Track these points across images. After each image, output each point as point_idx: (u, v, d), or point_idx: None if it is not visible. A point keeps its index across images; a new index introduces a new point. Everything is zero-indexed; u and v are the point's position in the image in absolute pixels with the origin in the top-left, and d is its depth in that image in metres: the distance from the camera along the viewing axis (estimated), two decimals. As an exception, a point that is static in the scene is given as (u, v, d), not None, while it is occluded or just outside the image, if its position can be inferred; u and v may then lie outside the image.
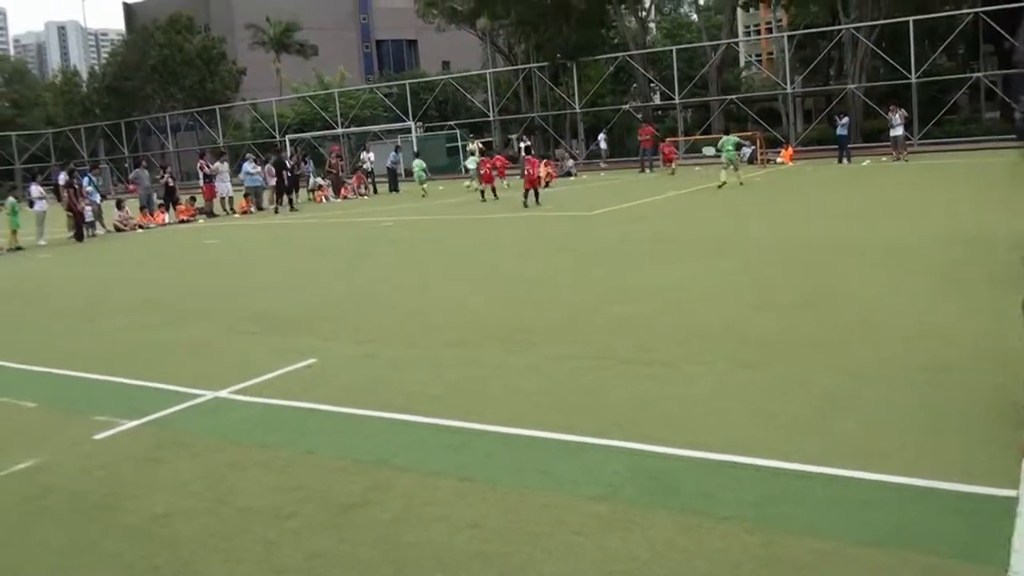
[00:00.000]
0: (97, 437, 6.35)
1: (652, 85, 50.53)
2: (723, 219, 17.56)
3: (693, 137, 44.02)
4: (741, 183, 24.55)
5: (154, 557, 4.37)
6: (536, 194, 23.25)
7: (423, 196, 30.38)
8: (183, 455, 5.82)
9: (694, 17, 69.44)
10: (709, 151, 41.12)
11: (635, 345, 7.56)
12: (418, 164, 32.81)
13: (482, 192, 26.51)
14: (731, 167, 25.18)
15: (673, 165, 34.71)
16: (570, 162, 38.17)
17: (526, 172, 23.77)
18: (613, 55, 48.73)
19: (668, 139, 38.32)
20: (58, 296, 14.46)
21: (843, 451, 4.86)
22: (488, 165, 27.04)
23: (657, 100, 52.69)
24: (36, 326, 11.64)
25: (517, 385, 6.68)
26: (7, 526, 4.97)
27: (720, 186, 23.94)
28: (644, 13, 53.29)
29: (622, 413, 5.82)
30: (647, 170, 35.73)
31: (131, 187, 38.97)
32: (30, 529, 4.89)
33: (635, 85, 53.56)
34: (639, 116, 46.03)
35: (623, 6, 50.12)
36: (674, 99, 44.62)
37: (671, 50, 46.65)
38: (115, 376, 8.09)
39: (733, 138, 26.51)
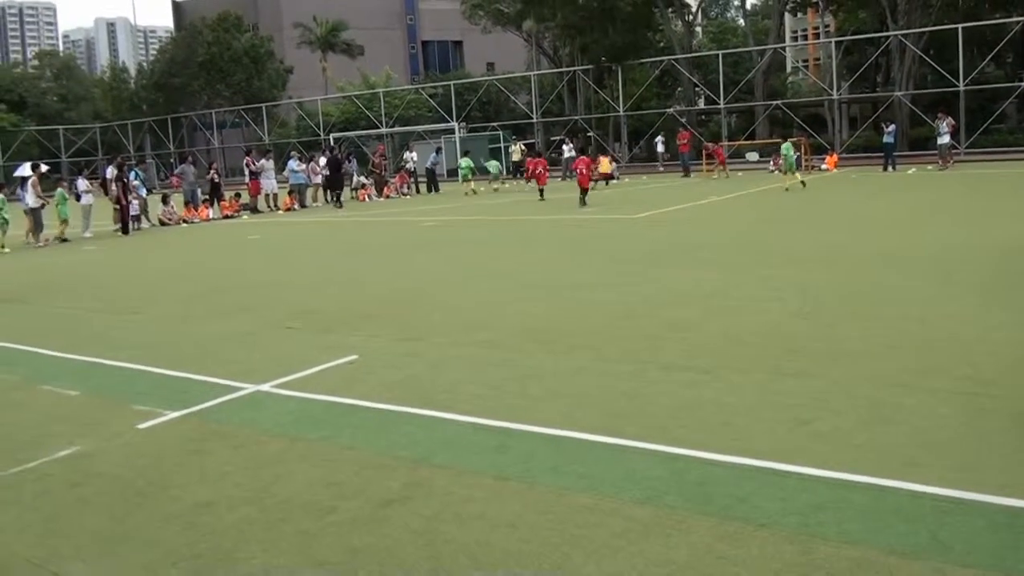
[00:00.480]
0: (140, 426, 6.43)
1: (697, 89, 50.29)
2: (766, 225, 17.41)
3: (738, 142, 43.78)
4: (803, 183, 25.16)
5: (196, 545, 4.42)
6: (583, 194, 23.67)
7: (468, 194, 30.52)
8: (225, 446, 5.88)
9: (741, 22, 69.05)
10: (753, 156, 40.96)
11: (678, 350, 7.52)
12: (465, 162, 32.90)
13: (541, 192, 26.56)
14: (791, 172, 25.91)
15: (722, 170, 34.58)
16: (613, 165, 38.03)
17: (579, 172, 24.22)
18: (658, 59, 48.59)
19: (715, 144, 38.12)
20: (102, 287, 14.68)
21: (883, 461, 4.79)
22: (537, 165, 27.20)
23: (702, 104, 52.44)
24: (80, 316, 11.83)
25: (558, 387, 6.67)
26: (51, 510, 5.04)
27: (787, 189, 24.73)
28: (690, 17, 53.11)
29: (664, 418, 5.78)
30: (690, 174, 35.62)
31: (173, 181, 39.53)
32: (74, 514, 4.96)
33: (680, 89, 53.36)
34: (683, 120, 45.85)
35: (669, 10, 49.98)
36: (719, 104, 44.37)
37: (717, 54, 46.43)
38: (158, 367, 8.20)
39: (789, 144, 27.20)
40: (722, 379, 6.60)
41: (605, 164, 33.23)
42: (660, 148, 43.68)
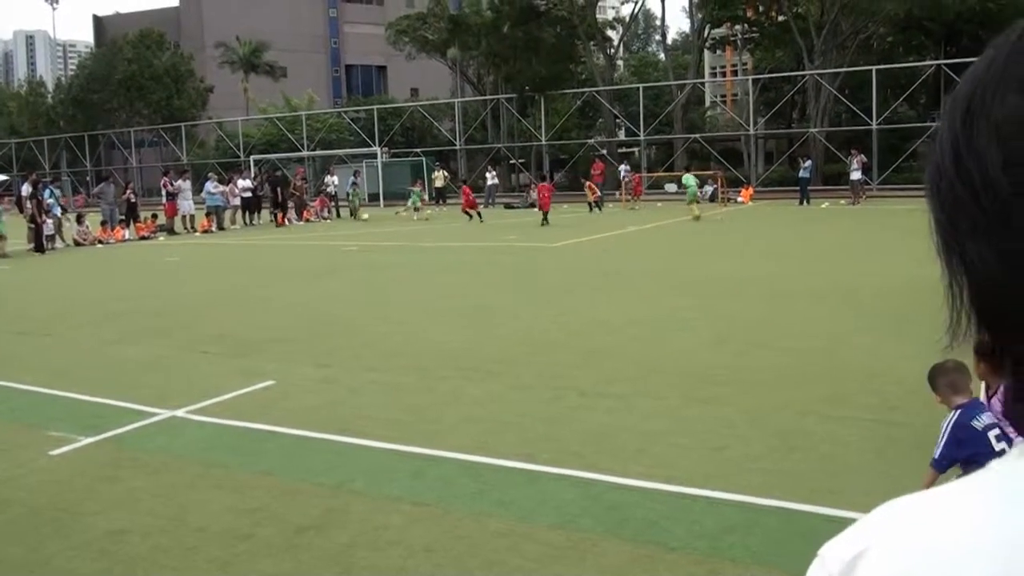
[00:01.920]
0: (53, 453, 6.32)
1: (618, 121, 51.13)
2: (681, 255, 17.79)
3: (656, 174, 44.57)
4: (698, 217, 25.47)
5: (109, 572, 4.39)
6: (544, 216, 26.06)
7: (416, 219, 30.78)
8: (139, 473, 5.81)
9: (661, 56, 70.47)
10: (671, 187, 41.72)
11: (594, 378, 7.68)
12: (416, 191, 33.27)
13: (545, 216, 26.65)
14: (693, 202, 26.37)
15: (635, 200, 35.21)
16: (534, 194, 38.35)
17: (540, 197, 26.73)
18: (581, 90, 49.29)
19: (635, 175, 38.79)
20: (15, 308, 14.29)
21: (793, 486, 4.99)
22: (543, 190, 27.51)
23: (622, 136, 53.31)
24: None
25: (476, 413, 6.76)
26: (-41, 538, 4.94)
27: (697, 218, 25.12)
28: (612, 50, 54.06)
29: (579, 444, 5.91)
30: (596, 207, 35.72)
31: (79, 199, 38.64)
32: (-18, 542, 4.87)
33: (601, 120, 54.16)
34: (603, 151, 46.51)
35: (592, 43, 50.79)
36: (639, 136, 45.15)
37: (638, 87, 47.34)
38: (71, 392, 8.04)
39: (690, 176, 28.17)
40: (637, 406, 6.77)
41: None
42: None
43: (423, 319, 11.33)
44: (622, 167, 40.62)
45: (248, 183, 33.18)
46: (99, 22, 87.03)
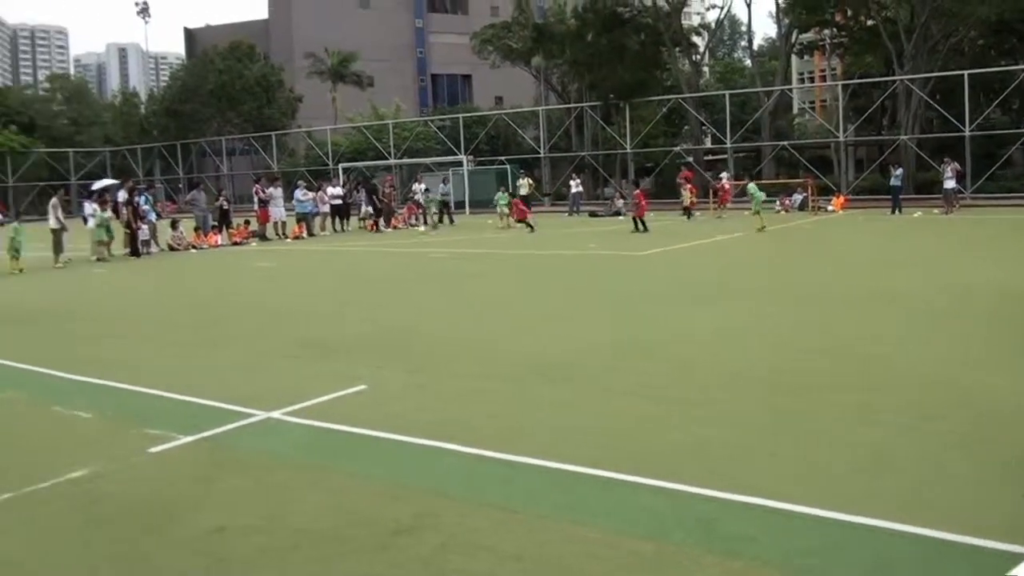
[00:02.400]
0: (152, 450, 6.51)
1: (704, 128, 50.66)
2: (771, 265, 17.54)
3: (743, 182, 43.99)
4: (762, 228, 25.17)
5: (208, 570, 4.49)
6: (643, 223, 26.29)
7: (504, 228, 30.57)
8: (237, 472, 5.96)
9: (748, 62, 69.61)
10: (760, 196, 41.12)
11: (683, 388, 7.60)
12: (503, 197, 32.99)
13: (636, 222, 26.62)
14: (758, 213, 26.27)
15: (723, 208, 34.79)
16: (619, 202, 38.22)
17: (637, 204, 26.79)
18: (666, 97, 48.98)
19: (722, 183, 38.31)
20: (113, 311, 14.80)
21: (886, 503, 4.84)
22: (639, 197, 27.44)
23: (708, 144, 52.79)
24: (92, 339, 11.93)
25: (564, 421, 6.75)
26: (61, 531, 5.12)
27: (761, 229, 24.82)
28: (698, 57, 53.56)
29: (671, 454, 5.86)
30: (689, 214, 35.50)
31: (170, 206, 39.76)
32: (86, 536, 5.04)
33: (687, 128, 53.73)
34: (689, 159, 46.12)
35: (677, 49, 50.44)
36: (726, 143, 44.66)
37: (724, 94, 46.83)
38: (170, 392, 8.28)
39: (754, 185, 28.18)
40: (726, 417, 6.68)
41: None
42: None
43: (510, 326, 11.39)
44: (724, 175, 40.22)
45: (338, 190, 33.79)
46: (190, 35, 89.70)
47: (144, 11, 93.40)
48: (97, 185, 30.30)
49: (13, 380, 9.43)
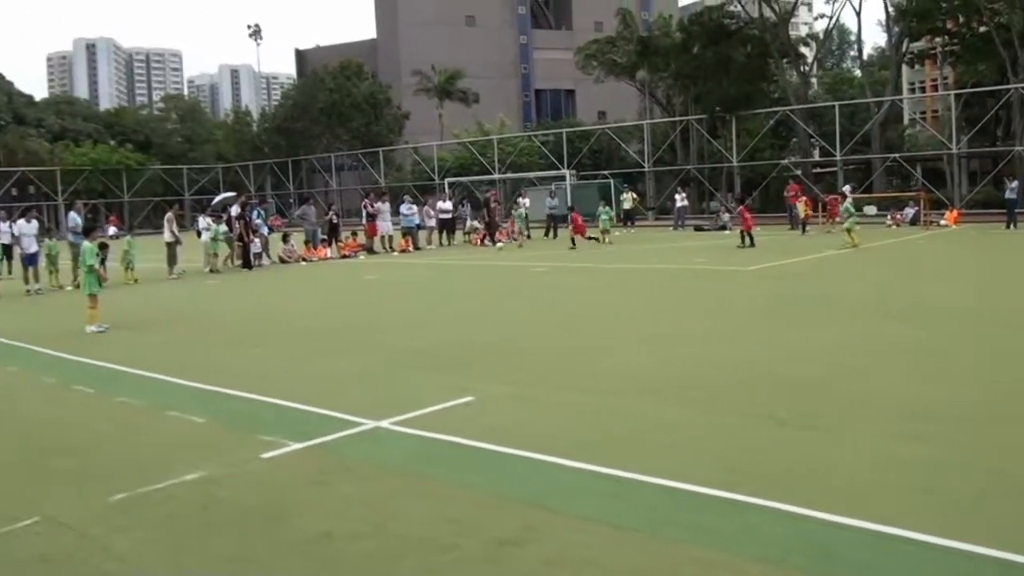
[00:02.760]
0: (264, 456, 6.65)
1: (812, 141, 49.56)
2: (885, 281, 16.98)
3: (854, 196, 42.85)
4: (855, 245, 23.86)
5: (316, 574, 4.54)
6: (750, 237, 25.54)
7: (607, 243, 30.14)
8: (346, 479, 6.03)
9: (857, 72, 67.95)
10: (871, 210, 40.00)
11: (795, 407, 7.37)
12: (606, 212, 32.65)
13: (743, 236, 26.06)
14: (851, 229, 24.81)
15: (832, 223, 33.86)
16: (726, 216, 37.67)
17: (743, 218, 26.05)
18: (773, 109, 48.10)
19: (829, 196, 37.35)
20: (225, 321, 15.24)
21: (1012, 534, 4.59)
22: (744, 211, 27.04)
23: (817, 156, 51.60)
24: (206, 347, 12.31)
25: (672, 438, 6.62)
26: (179, 531, 5.27)
27: (855, 246, 23.58)
28: (806, 67, 52.45)
29: (784, 475, 5.68)
30: (797, 227, 34.59)
31: (276, 221, 40.87)
32: (200, 536, 5.17)
33: (795, 140, 52.64)
34: (798, 172, 45.14)
35: (785, 60, 49.53)
36: (835, 156, 43.60)
37: (833, 106, 45.72)
38: (281, 399, 8.47)
39: (849, 201, 26.33)
40: (842, 439, 6.45)
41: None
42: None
43: (615, 341, 11.27)
44: (847, 188, 39.23)
45: (447, 205, 34.20)
46: (300, 55, 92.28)
47: (256, 33, 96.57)
48: (218, 199, 31.38)
49: (130, 386, 9.77)
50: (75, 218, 23.54)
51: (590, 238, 29.24)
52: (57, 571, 4.80)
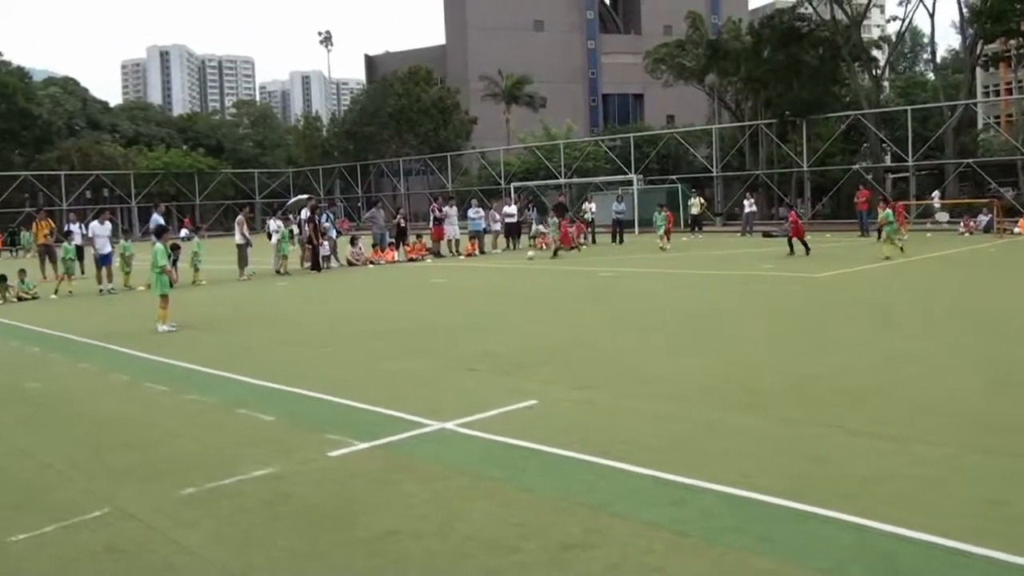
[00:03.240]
0: (331, 454, 6.79)
1: (884, 146, 48.62)
2: (953, 290, 16.63)
3: (925, 201, 42.01)
4: (901, 250, 22.91)
5: (382, 571, 4.63)
6: (803, 244, 24.86)
7: (662, 249, 29.79)
8: (411, 479, 6.12)
9: (930, 76, 66.49)
10: (942, 217, 39.12)
11: (864, 417, 7.27)
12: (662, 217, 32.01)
13: (791, 243, 25.60)
14: (889, 239, 23.37)
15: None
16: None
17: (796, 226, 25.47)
18: (844, 113, 47.32)
19: (899, 203, 36.56)
20: (294, 321, 15.48)
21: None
22: (796, 219, 26.57)
23: (888, 161, 50.63)
24: (275, 347, 12.54)
25: (737, 445, 6.58)
26: (247, 526, 5.41)
27: (888, 258, 22.36)
28: (878, 71, 51.46)
29: (849, 486, 5.61)
30: (866, 234, 33.82)
31: (344, 224, 41.39)
32: (268, 531, 5.30)
33: (866, 145, 51.69)
34: (869, 177, 44.34)
35: (856, 64, 48.67)
36: (907, 161, 42.74)
37: (905, 110, 44.81)
38: (348, 400, 8.62)
39: (888, 211, 24.40)
40: (909, 450, 6.34)
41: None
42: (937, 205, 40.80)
43: (680, 346, 11.24)
44: (936, 193, 38.60)
45: (512, 209, 34.32)
46: (370, 61, 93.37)
47: (327, 40, 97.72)
48: (292, 202, 31.92)
49: (200, 384, 10.01)
50: (157, 219, 24.11)
51: (572, 247, 29.28)
52: (125, 562, 4.96)
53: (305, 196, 31.87)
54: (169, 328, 14.12)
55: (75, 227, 26.38)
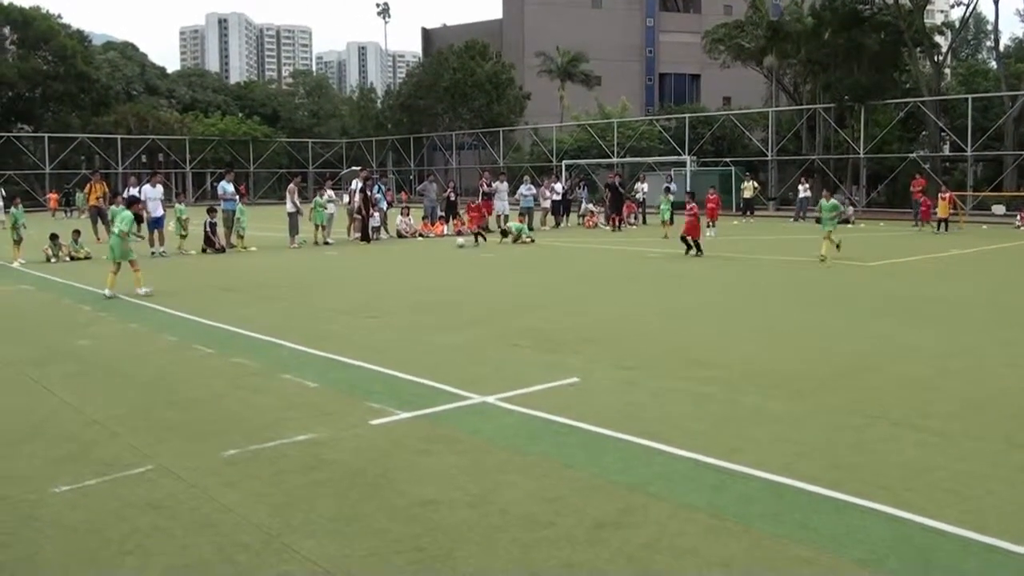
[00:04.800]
0: (372, 422, 6.87)
1: (942, 134, 47.61)
2: (1006, 284, 16.28)
3: (982, 193, 41.09)
4: (838, 246, 20.03)
5: (418, 539, 4.69)
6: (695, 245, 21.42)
7: (664, 236, 28.72)
8: (451, 450, 6.17)
9: (993, 64, 64.82)
10: (999, 209, 38.26)
11: (908, 408, 7.17)
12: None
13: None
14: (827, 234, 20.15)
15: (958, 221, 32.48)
16: (849, 209, 36.58)
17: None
18: (904, 100, 46.37)
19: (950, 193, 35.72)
20: (342, 290, 15.62)
21: None
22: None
23: (947, 151, 49.58)
24: (321, 315, 12.67)
25: (779, 432, 6.53)
26: (287, 488, 5.50)
27: (822, 260, 19.46)
28: (939, 57, 50.26)
29: (890, 477, 5.54)
30: (920, 224, 32.98)
31: (391, 195, 41.47)
32: (307, 494, 5.39)
33: (925, 133, 50.64)
34: (926, 166, 43.48)
35: (918, 49, 47.62)
36: (965, 151, 41.82)
37: (966, 98, 43.79)
38: (391, 370, 8.70)
39: (832, 202, 21.56)
40: (953, 444, 6.25)
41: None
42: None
43: (726, 330, 11.13)
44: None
45: (557, 187, 34.19)
46: (427, 34, 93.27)
47: (384, 12, 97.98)
48: (346, 171, 32.06)
49: (247, 347, 10.17)
50: (225, 186, 24.45)
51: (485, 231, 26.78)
52: (166, 517, 5.06)
53: (358, 167, 32.15)
54: (147, 291, 14.54)
55: (133, 191, 26.78)
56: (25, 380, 8.71)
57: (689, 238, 21.27)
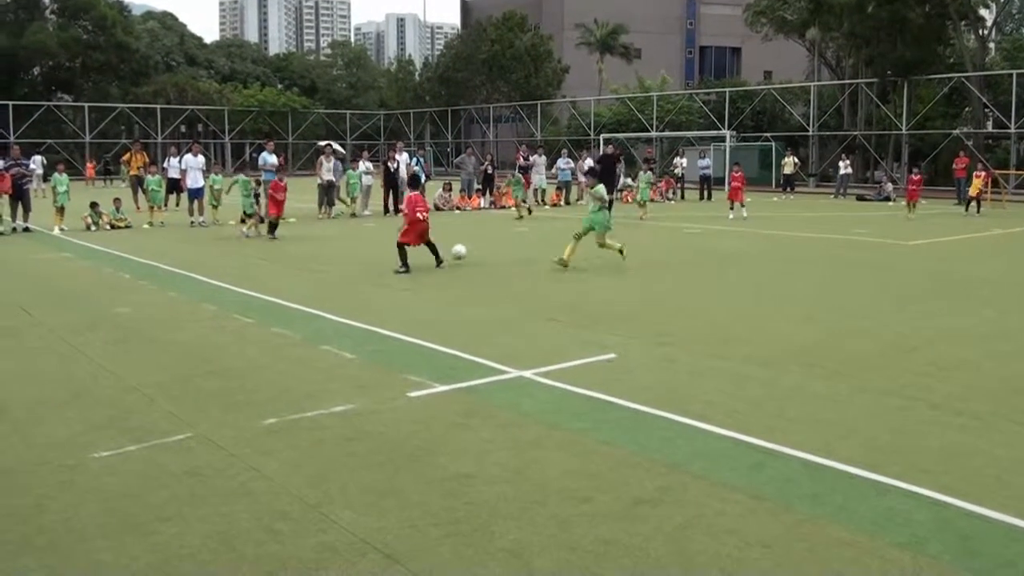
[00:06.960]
0: (411, 395, 6.91)
1: (986, 111, 46.63)
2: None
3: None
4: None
5: (455, 511, 4.71)
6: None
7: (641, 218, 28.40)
8: (488, 424, 6.19)
9: (1037, 39, 63.30)
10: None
11: (949, 391, 7.07)
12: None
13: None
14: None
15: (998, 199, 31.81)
16: (889, 186, 36.08)
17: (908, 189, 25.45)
18: (948, 75, 45.47)
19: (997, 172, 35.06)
20: (377, 263, 15.61)
21: None
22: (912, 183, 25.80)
23: (990, 127, 48.58)
24: (359, 286, 12.78)
25: (819, 412, 6.47)
26: (325, 459, 5.55)
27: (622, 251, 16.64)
28: (985, 32, 49.15)
29: (931, 461, 5.48)
30: (963, 202, 32.35)
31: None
32: (345, 465, 5.44)
33: (968, 109, 49.66)
34: (969, 143, 42.66)
35: (963, 23, 46.57)
36: (1009, 128, 40.99)
37: (1011, 74, 42.82)
38: (430, 343, 8.73)
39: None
40: (996, 428, 6.16)
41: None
42: None
43: (765, 309, 11.03)
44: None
45: (589, 162, 33.97)
46: (466, 5, 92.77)
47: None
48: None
49: (286, 318, 10.25)
50: (266, 157, 24.55)
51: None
52: (204, 485, 5.13)
53: (396, 142, 32.30)
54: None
55: (174, 161, 26.97)
56: (66, 346, 8.84)
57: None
